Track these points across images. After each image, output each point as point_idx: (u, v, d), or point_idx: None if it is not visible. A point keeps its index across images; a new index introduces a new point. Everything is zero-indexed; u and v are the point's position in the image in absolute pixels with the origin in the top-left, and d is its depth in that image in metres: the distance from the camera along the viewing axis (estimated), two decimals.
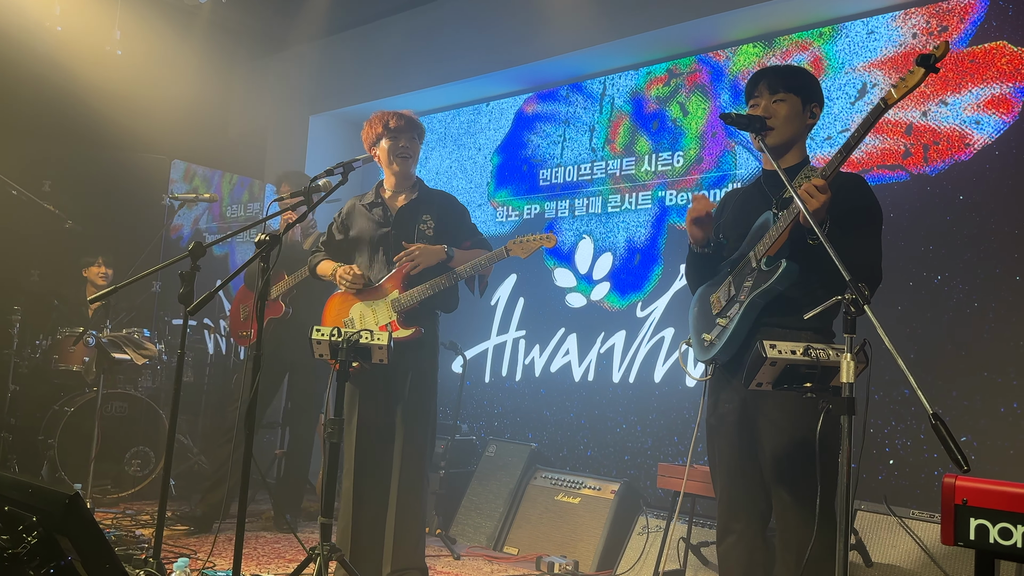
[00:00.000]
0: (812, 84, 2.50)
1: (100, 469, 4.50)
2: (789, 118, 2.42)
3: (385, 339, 2.87)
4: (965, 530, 1.39)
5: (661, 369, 4.62)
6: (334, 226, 3.47)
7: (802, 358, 2.11)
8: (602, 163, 5.10)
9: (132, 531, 3.96)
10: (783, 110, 2.42)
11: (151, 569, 2.67)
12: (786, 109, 2.42)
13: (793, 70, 2.53)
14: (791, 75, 2.48)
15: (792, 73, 2.50)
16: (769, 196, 2.46)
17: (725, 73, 4.66)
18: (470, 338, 5.44)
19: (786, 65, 2.58)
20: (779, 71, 2.51)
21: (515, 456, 4.77)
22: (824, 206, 2.18)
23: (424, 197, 3.36)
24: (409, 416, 3.18)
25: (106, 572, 1.94)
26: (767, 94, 2.44)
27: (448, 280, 3.17)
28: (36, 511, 1.93)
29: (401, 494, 3.15)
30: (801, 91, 2.43)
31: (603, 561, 4.06)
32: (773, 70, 2.52)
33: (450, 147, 6.00)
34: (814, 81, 2.53)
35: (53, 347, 4.99)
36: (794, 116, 2.42)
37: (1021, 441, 3.41)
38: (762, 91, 2.46)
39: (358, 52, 6.31)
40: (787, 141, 2.44)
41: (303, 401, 4.64)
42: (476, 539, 4.56)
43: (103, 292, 3.02)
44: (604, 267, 4.98)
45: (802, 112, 2.44)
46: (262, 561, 3.80)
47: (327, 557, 2.77)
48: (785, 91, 2.42)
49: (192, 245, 2.83)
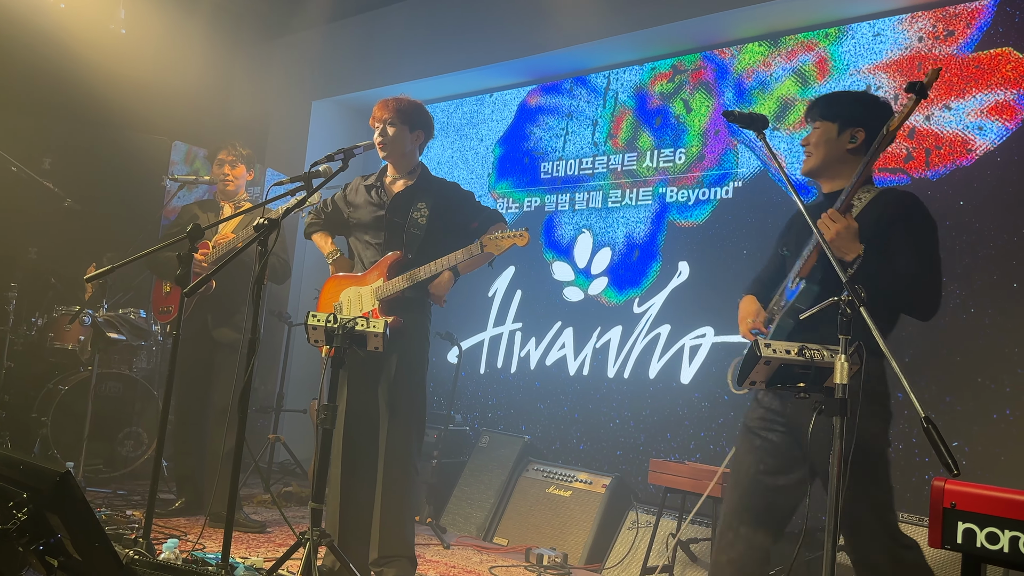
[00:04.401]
0: (854, 108, 2.48)
1: (92, 449, 4.50)
2: (819, 144, 2.46)
3: (381, 326, 2.86)
4: (953, 533, 1.39)
5: (656, 365, 4.62)
6: (338, 198, 3.45)
7: (796, 358, 2.12)
8: (604, 158, 5.09)
9: (123, 511, 3.96)
10: (815, 137, 2.48)
11: (141, 549, 2.67)
12: (817, 136, 2.47)
13: (835, 96, 2.55)
14: (830, 102, 2.52)
15: (833, 100, 2.53)
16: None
17: (729, 71, 4.65)
18: (466, 329, 5.45)
19: (832, 92, 2.62)
20: (821, 98, 2.55)
21: (508, 448, 4.78)
22: (842, 235, 2.24)
23: (423, 185, 3.33)
24: (395, 403, 3.18)
25: (95, 551, 1.95)
26: (808, 121, 2.53)
27: (426, 272, 3.15)
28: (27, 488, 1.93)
29: (387, 481, 3.15)
30: (838, 117, 2.45)
31: (592, 554, 4.08)
32: (818, 98, 2.56)
33: (452, 137, 5.99)
34: (858, 105, 2.49)
35: (49, 325, 4.98)
36: (826, 141, 2.45)
37: (1012, 447, 3.42)
38: (807, 117, 2.55)
39: (362, 39, 6.29)
40: (821, 166, 2.48)
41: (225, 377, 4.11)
42: (466, 529, 4.57)
43: (100, 271, 3.01)
44: (602, 262, 4.98)
45: (837, 137, 2.45)
46: (251, 545, 3.80)
47: (316, 542, 2.78)
48: (822, 119, 2.48)
49: (190, 227, 2.82)
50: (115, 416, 4.93)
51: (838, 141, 2.45)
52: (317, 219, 3.50)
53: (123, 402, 5.00)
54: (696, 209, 4.64)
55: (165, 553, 3.08)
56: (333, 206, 3.45)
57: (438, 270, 3.15)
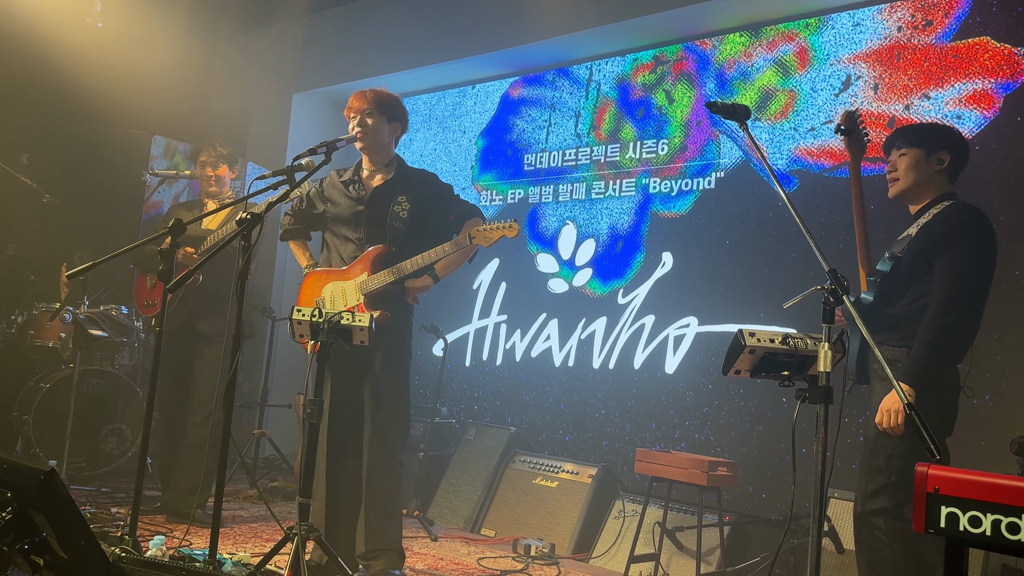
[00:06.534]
0: (936, 135, 2.76)
1: (76, 446, 4.46)
2: (909, 168, 2.69)
3: (367, 321, 2.86)
4: (936, 518, 1.41)
5: (641, 356, 4.64)
6: (313, 193, 3.39)
7: (780, 346, 2.14)
8: (587, 149, 5.09)
9: (107, 508, 3.94)
10: (903, 163, 2.71)
11: (127, 547, 2.66)
12: (907, 161, 2.70)
13: (918, 126, 2.94)
14: (914, 130, 2.83)
15: (916, 129, 2.91)
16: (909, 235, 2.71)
17: (711, 62, 4.67)
18: (451, 321, 5.45)
19: (914, 124, 3.03)
20: (906, 128, 2.83)
21: (494, 440, 4.79)
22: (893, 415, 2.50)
23: (401, 177, 3.31)
24: (379, 397, 3.18)
25: (81, 549, 1.93)
26: (893, 150, 2.75)
27: (413, 265, 3.14)
28: (11, 487, 1.91)
29: (372, 475, 3.15)
30: (924, 143, 2.70)
31: (579, 544, 4.10)
32: (902, 128, 2.84)
33: (435, 129, 5.97)
34: (940, 133, 2.80)
35: (29, 322, 4.93)
36: (915, 166, 2.68)
37: (992, 432, 3.47)
38: (890, 147, 2.77)
39: (343, 30, 6.25)
40: (911, 188, 2.70)
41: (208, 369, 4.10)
42: (454, 521, 4.58)
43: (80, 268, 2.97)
44: (587, 253, 4.99)
45: (926, 161, 2.68)
46: (239, 540, 3.79)
47: (305, 537, 2.78)
48: (907, 146, 2.71)
49: (172, 222, 2.80)
50: (98, 413, 4.89)
51: (926, 164, 2.69)
52: (293, 222, 3.44)
53: (106, 399, 4.96)
54: (679, 200, 4.66)
55: (152, 550, 3.07)
56: (307, 202, 3.40)
57: (425, 263, 3.14)
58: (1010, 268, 3.52)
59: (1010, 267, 3.52)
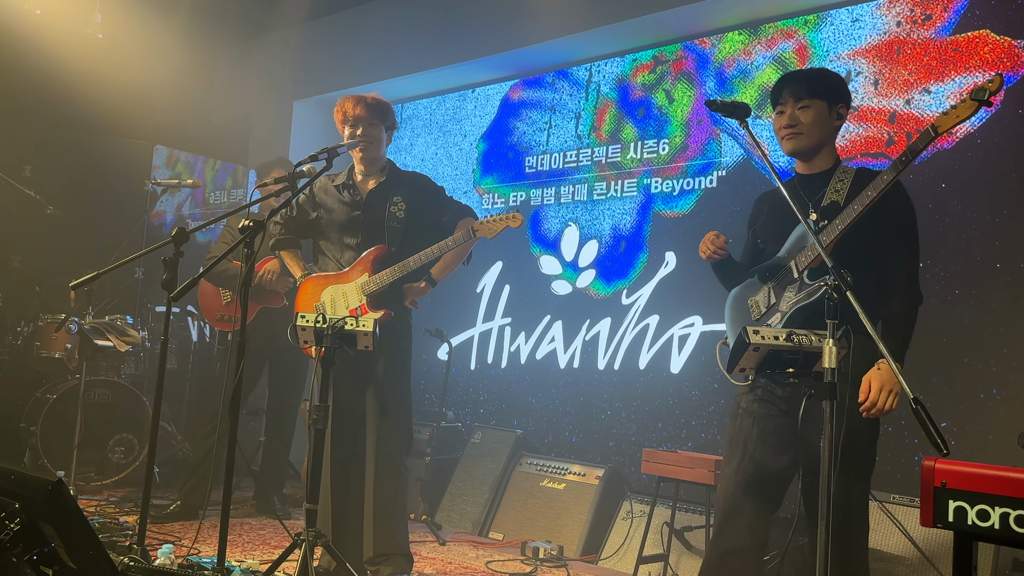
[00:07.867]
0: (837, 86, 2.51)
1: (83, 456, 4.47)
2: (815, 123, 2.45)
3: (371, 325, 2.86)
4: (944, 512, 1.41)
5: (646, 356, 4.64)
6: (304, 201, 3.38)
7: (784, 343, 2.14)
8: (588, 150, 5.09)
9: (116, 518, 3.94)
10: (808, 116, 2.45)
11: (135, 556, 2.66)
12: (811, 115, 2.45)
13: (817, 74, 2.55)
14: (815, 79, 2.51)
15: (816, 77, 2.52)
16: (806, 201, 2.46)
17: (711, 60, 4.66)
18: (456, 325, 5.45)
19: (810, 69, 2.63)
20: (802, 76, 2.54)
21: (500, 443, 4.79)
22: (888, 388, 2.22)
23: (394, 179, 3.33)
24: (383, 400, 3.18)
25: (90, 558, 1.94)
26: (792, 101, 2.48)
27: (417, 261, 3.15)
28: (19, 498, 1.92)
29: (378, 479, 3.15)
30: (827, 95, 2.46)
31: (588, 546, 4.09)
32: (796, 76, 2.54)
33: (436, 134, 5.97)
34: (840, 82, 2.54)
35: (35, 333, 4.95)
36: (820, 121, 2.45)
37: (999, 426, 3.46)
38: (787, 98, 2.49)
39: (343, 37, 6.26)
40: (815, 146, 2.48)
41: (285, 386, 4.59)
42: (462, 525, 4.58)
43: (85, 278, 2.99)
44: (589, 254, 4.99)
45: (828, 115, 2.47)
46: (247, 547, 3.80)
47: (312, 543, 2.78)
48: (810, 97, 2.45)
49: (175, 231, 2.81)
50: (105, 423, 4.90)
51: (828, 119, 2.47)
52: (284, 231, 3.42)
53: (112, 409, 4.98)
54: (681, 199, 4.66)
55: (160, 559, 3.07)
56: (298, 209, 3.39)
57: (429, 259, 3.16)
58: (1014, 261, 3.52)
59: (1014, 260, 3.52)
